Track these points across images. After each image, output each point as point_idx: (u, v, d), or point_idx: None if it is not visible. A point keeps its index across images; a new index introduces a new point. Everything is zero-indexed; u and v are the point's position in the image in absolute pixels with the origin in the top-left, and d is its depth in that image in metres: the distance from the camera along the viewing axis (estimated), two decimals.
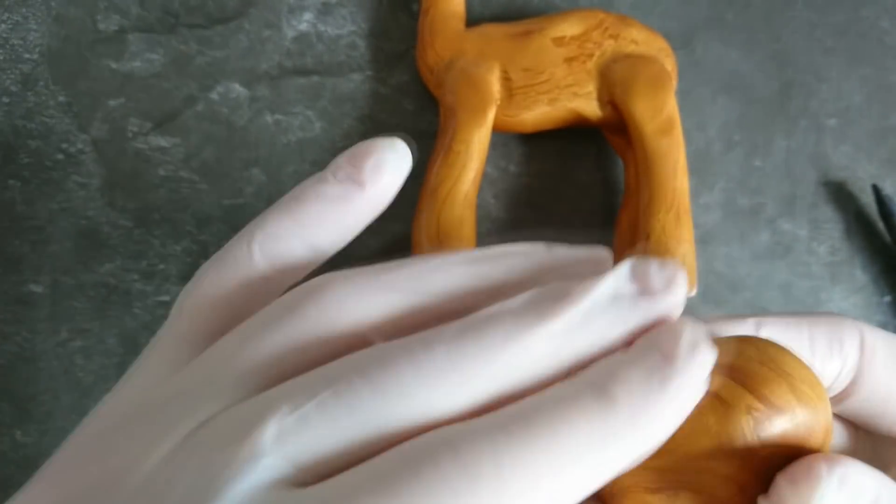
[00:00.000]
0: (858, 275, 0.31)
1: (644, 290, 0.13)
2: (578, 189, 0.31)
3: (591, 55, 0.28)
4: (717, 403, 0.14)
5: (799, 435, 0.14)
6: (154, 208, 0.30)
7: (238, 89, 0.30)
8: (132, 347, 0.30)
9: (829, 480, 0.13)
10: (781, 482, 0.14)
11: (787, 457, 0.14)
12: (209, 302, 0.15)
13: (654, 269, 0.13)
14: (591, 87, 0.28)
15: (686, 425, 0.12)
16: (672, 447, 0.13)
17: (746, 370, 0.14)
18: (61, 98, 0.30)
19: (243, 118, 0.30)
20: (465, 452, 0.11)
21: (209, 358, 0.14)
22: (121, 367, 0.30)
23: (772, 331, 0.17)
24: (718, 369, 0.13)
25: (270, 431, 0.11)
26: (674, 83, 0.29)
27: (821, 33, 0.32)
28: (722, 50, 0.31)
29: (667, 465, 0.14)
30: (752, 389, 0.14)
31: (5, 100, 0.30)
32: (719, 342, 0.13)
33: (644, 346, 0.12)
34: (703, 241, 0.31)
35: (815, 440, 0.14)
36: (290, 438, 0.11)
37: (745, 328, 0.17)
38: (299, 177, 0.30)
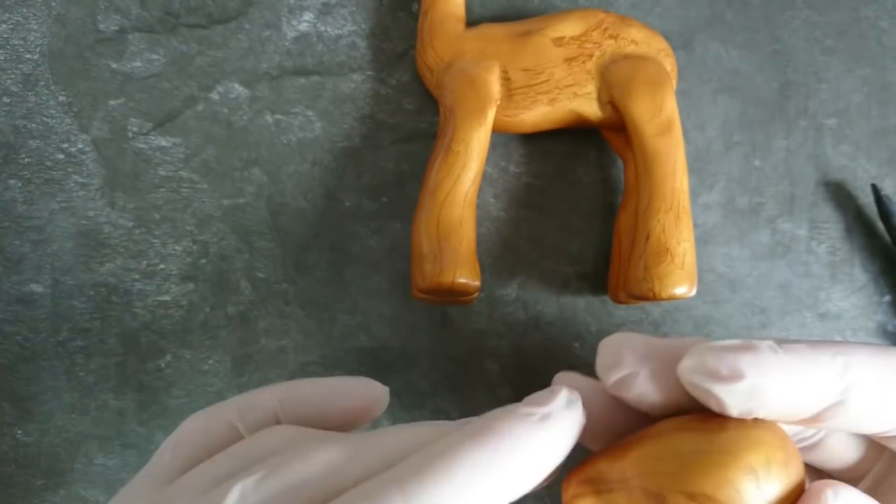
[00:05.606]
0: (858, 274, 0.31)
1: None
2: (578, 189, 0.31)
3: (590, 55, 0.28)
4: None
5: None
6: (154, 208, 0.30)
7: (238, 89, 0.30)
8: (132, 347, 0.30)
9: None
10: None
11: None
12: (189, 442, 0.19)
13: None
14: (590, 88, 0.28)
15: None
16: None
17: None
18: (62, 98, 0.30)
19: (243, 118, 0.30)
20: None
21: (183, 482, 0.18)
22: (121, 367, 0.30)
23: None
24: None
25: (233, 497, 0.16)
26: (673, 83, 0.29)
27: (820, 33, 0.32)
28: (722, 50, 0.31)
29: None
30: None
31: (6, 100, 0.30)
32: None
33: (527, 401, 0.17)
34: (703, 240, 0.31)
35: None
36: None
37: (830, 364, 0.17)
38: (299, 177, 0.30)
